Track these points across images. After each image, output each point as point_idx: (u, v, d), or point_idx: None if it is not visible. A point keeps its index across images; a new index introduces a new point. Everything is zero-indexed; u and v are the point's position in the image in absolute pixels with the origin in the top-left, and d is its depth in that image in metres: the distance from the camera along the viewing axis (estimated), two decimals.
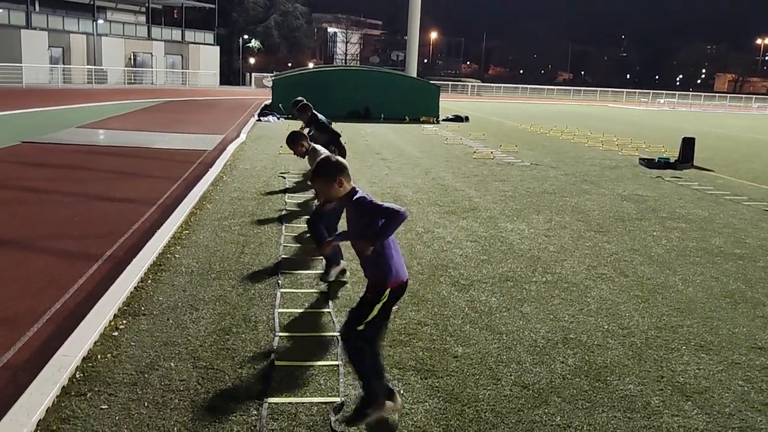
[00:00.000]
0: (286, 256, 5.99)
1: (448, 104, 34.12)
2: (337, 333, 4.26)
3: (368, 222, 3.16)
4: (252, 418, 3.23)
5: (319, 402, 3.41)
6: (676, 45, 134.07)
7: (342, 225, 4.41)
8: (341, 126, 12.25)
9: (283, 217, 7.49)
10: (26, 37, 40.13)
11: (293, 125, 15.43)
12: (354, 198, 3.19)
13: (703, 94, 71.46)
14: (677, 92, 70.99)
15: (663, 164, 13.68)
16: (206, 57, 54.09)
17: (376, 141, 16.51)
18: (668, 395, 3.67)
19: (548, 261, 6.24)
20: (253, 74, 58.87)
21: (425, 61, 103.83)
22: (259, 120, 21.14)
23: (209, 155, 12.25)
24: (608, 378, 3.84)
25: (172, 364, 3.75)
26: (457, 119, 25.54)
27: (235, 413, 3.26)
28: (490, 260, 6.17)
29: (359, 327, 3.18)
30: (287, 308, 4.72)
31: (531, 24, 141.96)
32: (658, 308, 5.08)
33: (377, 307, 3.19)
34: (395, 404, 3.29)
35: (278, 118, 21.61)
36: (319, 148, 6.59)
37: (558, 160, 14.18)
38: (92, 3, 45.31)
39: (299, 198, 8.69)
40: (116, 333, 4.13)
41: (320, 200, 5.85)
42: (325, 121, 9.26)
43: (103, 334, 4.07)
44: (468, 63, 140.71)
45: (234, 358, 3.87)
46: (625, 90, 71.68)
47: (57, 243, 6.14)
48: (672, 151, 15.39)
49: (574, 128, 24.04)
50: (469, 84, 68.82)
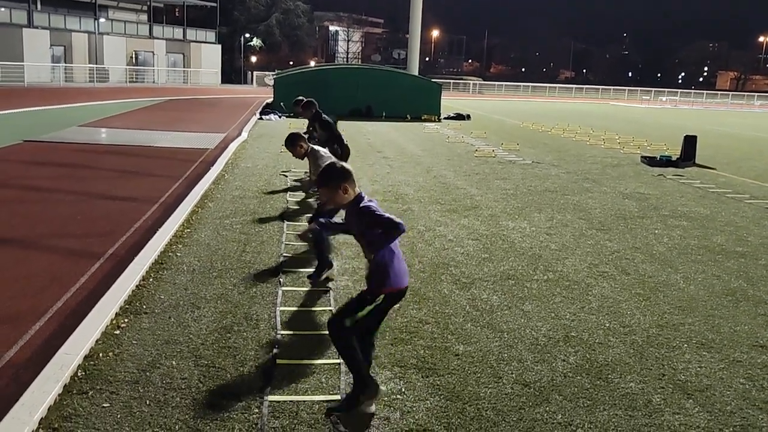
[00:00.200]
0: (288, 255, 5.99)
1: (450, 102, 34.11)
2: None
3: (366, 230, 3.19)
4: (253, 416, 3.23)
5: (321, 400, 3.42)
6: (677, 44, 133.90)
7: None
8: (343, 124, 12.27)
9: (285, 216, 7.50)
10: (28, 36, 40.17)
11: (295, 124, 15.47)
12: (360, 205, 3.21)
13: (705, 92, 71.45)
14: (679, 90, 70.94)
15: (665, 162, 13.66)
16: (208, 55, 54.15)
17: (378, 139, 16.50)
18: (669, 393, 3.67)
19: (549, 259, 6.24)
20: (255, 73, 58.92)
21: (427, 60, 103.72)
22: (261, 118, 21.15)
23: (211, 154, 12.26)
24: (609, 376, 3.84)
25: (174, 363, 3.75)
26: (459, 117, 25.54)
27: (237, 411, 3.27)
28: (492, 258, 6.17)
29: (347, 323, 3.20)
30: (289, 306, 4.73)
31: (532, 22, 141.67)
32: (660, 306, 5.08)
33: (368, 309, 3.22)
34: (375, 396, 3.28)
35: (280, 117, 21.64)
36: (319, 150, 6.57)
37: (559, 159, 14.17)
38: (94, 2, 45.31)
39: (301, 196, 8.69)
40: (118, 331, 4.14)
41: (322, 201, 5.86)
42: (329, 120, 9.25)
43: (105, 333, 4.08)
44: (470, 61, 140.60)
45: (235, 357, 3.88)
46: (627, 88, 71.54)
47: (59, 241, 6.15)
48: (674, 149, 15.38)
49: (576, 126, 24.02)
50: (471, 82, 68.76)
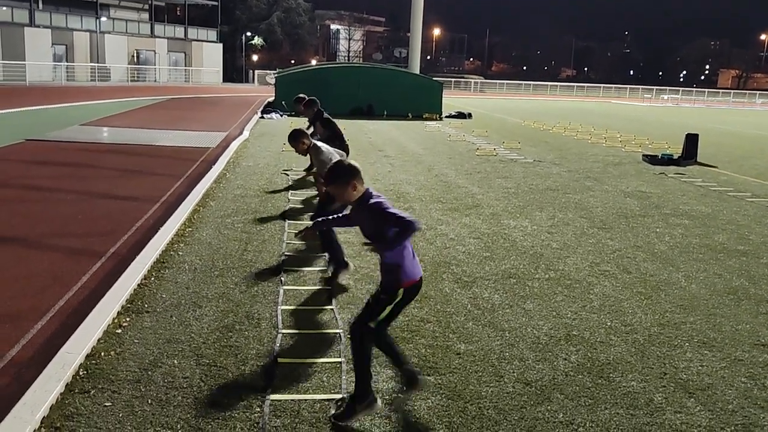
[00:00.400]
0: (289, 254, 5.99)
1: (451, 101, 34.09)
2: (340, 330, 4.28)
3: (378, 227, 3.16)
4: (255, 415, 3.24)
5: (322, 399, 3.42)
6: (679, 42, 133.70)
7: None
8: (344, 123, 12.22)
9: (287, 214, 7.50)
10: (30, 35, 40.21)
11: (296, 122, 15.46)
12: (369, 202, 3.20)
13: (707, 90, 71.27)
14: (681, 88, 70.75)
15: (666, 161, 13.64)
16: (209, 54, 54.16)
17: (379, 138, 16.50)
18: (671, 392, 3.67)
19: (551, 258, 6.23)
20: (256, 71, 58.91)
21: (428, 58, 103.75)
22: (262, 117, 21.16)
23: (212, 152, 12.26)
24: (611, 375, 3.84)
25: (176, 362, 3.76)
26: (460, 116, 25.52)
27: (238, 410, 3.28)
28: (493, 257, 6.17)
29: (371, 324, 3.22)
30: (290, 305, 4.73)
31: (533, 20, 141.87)
32: (661, 305, 5.07)
33: (389, 308, 3.24)
34: (418, 386, 3.44)
35: (281, 115, 21.64)
36: (321, 145, 6.57)
37: (561, 157, 14.16)
38: (95, 0, 45.34)
39: (302, 195, 8.70)
40: (120, 330, 4.14)
41: (322, 199, 5.86)
42: (331, 118, 9.25)
43: (107, 332, 4.09)
44: (471, 59, 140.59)
45: (237, 355, 3.88)
46: (629, 86, 71.38)
47: (60, 241, 6.16)
48: (675, 148, 15.34)
49: (577, 125, 23.98)
50: (472, 80, 68.67)
